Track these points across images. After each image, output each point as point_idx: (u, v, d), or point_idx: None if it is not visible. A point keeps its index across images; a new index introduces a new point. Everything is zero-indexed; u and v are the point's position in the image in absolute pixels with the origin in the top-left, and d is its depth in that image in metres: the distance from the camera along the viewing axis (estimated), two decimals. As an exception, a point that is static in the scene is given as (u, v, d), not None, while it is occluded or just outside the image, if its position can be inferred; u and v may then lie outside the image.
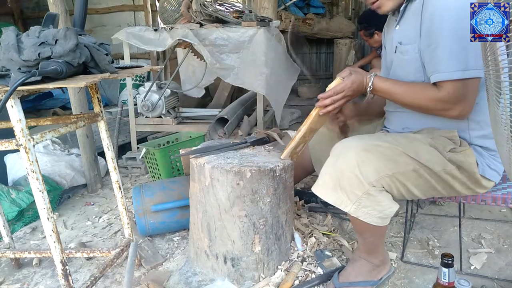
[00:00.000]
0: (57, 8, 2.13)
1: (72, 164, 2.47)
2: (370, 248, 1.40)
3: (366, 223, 1.25)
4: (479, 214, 1.96)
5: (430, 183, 1.28)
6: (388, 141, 1.26)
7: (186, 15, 2.63)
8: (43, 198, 1.12)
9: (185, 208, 1.73)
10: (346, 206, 1.23)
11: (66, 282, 1.22)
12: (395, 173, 1.22)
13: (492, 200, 1.36)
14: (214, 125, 2.68)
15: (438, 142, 1.28)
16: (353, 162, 1.19)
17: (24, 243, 1.92)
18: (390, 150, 1.23)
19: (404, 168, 1.23)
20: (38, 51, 1.08)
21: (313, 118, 1.40)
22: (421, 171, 1.24)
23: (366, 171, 1.19)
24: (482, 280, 1.47)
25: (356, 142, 1.25)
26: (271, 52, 2.50)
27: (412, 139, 1.29)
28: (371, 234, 1.34)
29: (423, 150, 1.25)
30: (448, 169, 1.26)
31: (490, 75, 0.79)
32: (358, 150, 1.21)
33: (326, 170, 1.26)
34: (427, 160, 1.23)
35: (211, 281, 1.50)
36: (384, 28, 1.59)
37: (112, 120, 3.16)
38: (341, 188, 1.21)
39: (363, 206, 1.22)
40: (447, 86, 1.20)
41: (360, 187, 1.19)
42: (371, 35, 3.51)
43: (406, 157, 1.23)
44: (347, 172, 1.20)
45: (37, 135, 1.13)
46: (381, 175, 1.20)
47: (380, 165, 1.20)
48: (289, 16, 4.59)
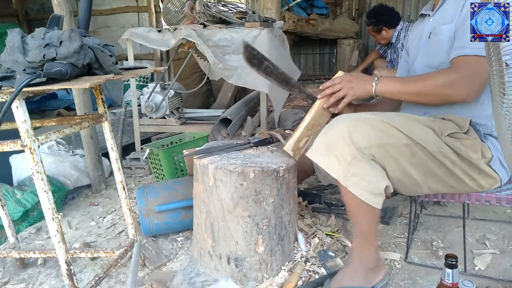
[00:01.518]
0: (62, 10, 2.15)
1: (77, 164, 2.48)
2: (364, 238, 1.37)
3: (358, 199, 1.24)
4: (483, 215, 1.95)
5: (428, 165, 1.27)
6: (383, 116, 1.27)
7: (189, 16, 2.64)
8: (47, 198, 1.13)
9: (188, 208, 1.74)
10: (336, 172, 1.23)
11: (71, 282, 1.22)
12: (385, 143, 1.22)
13: (496, 200, 1.35)
14: (217, 126, 2.68)
15: (437, 125, 1.28)
16: (344, 129, 1.22)
17: (29, 243, 1.93)
18: (383, 124, 1.24)
19: (395, 141, 1.23)
20: (43, 53, 1.09)
21: (316, 109, 1.43)
22: (415, 148, 1.24)
23: (356, 138, 1.21)
24: (486, 281, 1.46)
25: (350, 115, 1.30)
26: (274, 53, 2.50)
27: (409, 118, 1.30)
28: (364, 216, 1.31)
29: (418, 128, 1.26)
30: (445, 151, 1.25)
31: (494, 76, 0.79)
32: (351, 119, 1.25)
33: (320, 136, 1.29)
34: (420, 139, 1.24)
35: (214, 281, 1.50)
36: (408, 36, 1.63)
37: (116, 121, 3.17)
38: (332, 152, 1.23)
39: (352, 175, 1.22)
40: (465, 61, 1.22)
41: (350, 151, 1.20)
42: (379, 31, 3.49)
43: (398, 132, 1.24)
44: (338, 138, 1.22)
45: (42, 136, 1.14)
46: (371, 143, 1.21)
47: (371, 134, 1.22)
48: (292, 17, 4.59)
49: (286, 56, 2.86)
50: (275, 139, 1.73)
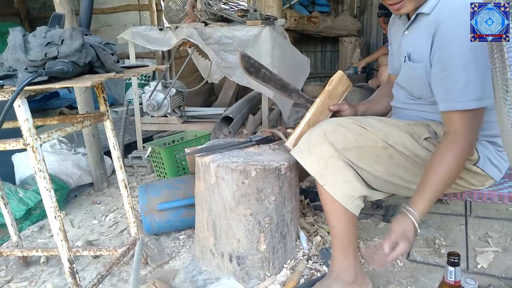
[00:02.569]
0: (63, 9, 2.15)
1: (79, 163, 2.49)
2: (340, 246, 1.31)
3: (333, 199, 1.24)
4: (485, 213, 1.95)
5: (409, 167, 1.29)
6: (362, 122, 1.30)
7: (191, 14, 2.63)
8: (50, 197, 1.13)
9: (190, 206, 1.74)
10: (314, 170, 1.25)
11: (73, 280, 1.23)
12: (363, 146, 1.25)
13: (498, 198, 1.35)
14: (219, 124, 2.68)
15: (415, 129, 1.30)
16: (323, 130, 1.26)
17: (32, 242, 1.94)
18: (360, 128, 1.28)
19: (372, 144, 1.26)
20: (44, 51, 1.09)
21: (317, 105, 1.44)
22: (392, 151, 1.27)
23: (335, 139, 1.24)
24: (489, 279, 1.46)
25: (333, 119, 1.34)
26: (277, 51, 2.50)
27: (388, 123, 1.32)
28: (339, 219, 1.27)
29: (394, 134, 1.28)
30: (423, 155, 1.27)
31: (497, 73, 0.79)
32: (332, 123, 1.29)
33: (304, 137, 1.33)
34: (396, 143, 1.27)
35: (216, 279, 1.51)
36: (389, 24, 1.58)
37: (118, 119, 3.17)
38: (311, 152, 1.26)
39: (329, 173, 1.24)
40: (458, 116, 1.17)
41: (328, 150, 1.24)
42: None
43: (375, 137, 1.27)
44: (318, 138, 1.26)
45: (44, 134, 1.14)
46: (349, 145, 1.24)
47: (349, 136, 1.25)
48: (294, 15, 4.58)
49: (291, 51, 2.84)
50: (277, 137, 1.73)
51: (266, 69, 1.47)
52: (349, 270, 1.32)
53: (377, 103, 1.64)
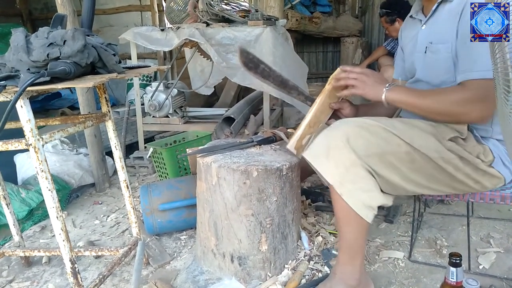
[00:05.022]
0: (65, 9, 2.15)
1: (81, 163, 2.49)
2: (348, 252, 1.30)
3: (349, 208, 1.20)
4: (487, 213, 1.94)
5: (428, 171, 1.25)
6: (384, 123, 1.24)
7: (192, 15, 2.63)
8: (52, 197, 1.13)
9: (192, 207, 1.74)
10: (332, 177, 1.20)
11: (75, 280, 1.23)
12: (385, 151, 1.20)
13: (501, 199, 1.34)
14: (220, 125, 2.68)
15: (439, 130, 1.26)
16: (345, 134, 1.19)
17: (34, 242, 1.94)
18: (384, 131, 1.22)
19: (395, 149, 1.21)
20: (46, 52, 1.09)
21: (317, 106, 1.41)
22: (415, 155, 1.22)
23: (357, 144, 1.18)
24: (490, 279, 1.45)
25: (353, 119, 1.27)
26: (279, 51, 2.49)
27: (411, 125, 1.27)
28: (351, 227, 1.26)
29: (419, 136, 1.23)
30: (447, 157, 1.23)
31: (499, 73, 0.78)
32: (352, 125, 1.22)
33: (319, 139, 1.26)
34: (421, 145, 1.21)
35: (218, 279, 1.51)
36: (400, 31, 1.59)
37: (119, 119, 3.18)
38: (330, 157, 1.20)
39: (348, 182, 1.19)
40: (475, 84, 1.18)
41: (349, 157, 1.18)
42: (392, 21, 3.43)
43: (399, 140, 1.21)
44: (338, 142, 1.19)
45: (46, 135, 1.14)
46: (371, 151, 1.19)
47: (372, 141, 1.19)
48: (295, 15, 4.58)
49: (291, 53, 2.85)
50: (278, 137, 1.73)
51: (265, 65, 1.45)
52: (355, 274, 1.30)
53: (379, 107, 1.63)
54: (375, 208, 1.24)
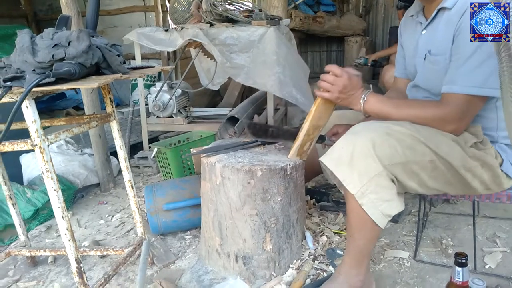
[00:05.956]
0: (70, 10, 2.16)
1: (85, 163, 2.50)
2: (356, 255, 1.29)
3: (366, 216, 1.19)
4: (493, 213, 1.93)
5: (446, 177, 1.24)
6: (409, 129, 1.21)
7: (196, 15, 2.64)
8: (57, 197, 1.14)
9: (196, 207, 1.74)
10: (354, 187, 1.16)
11: (81, 279, 1.24)
12: (409, 161, 1.18)
13: (507, 198, 1.34)
14: (224, 124, 2.69)
15: (461, 137, 1.25)
16: (371, 141, 1.15)
17: (40, 242, 1.96)
18: (410, 138, 1.19)
19: (420, 158, 1.19)
20: (52, 53, 1.10)
21: (313, 114, 1.39)
22: (438, 163, 1.20)
23: (383, 153, 1.15)
24: (497, 279, 1.45)
25: (378, 125, 1.22)
26: (282, 50, 2.49)
27: (435, 131, 1.24)
28: (364, 234, 1.25)
29: (444, 143, 1.21)
30: (468, 165, 1.22)
31: (504, 72, 0.78)
32: (379, 132, 1.18)
33: (342, 144, 1.20)
34: (447, 154, 1.20)
35: (222, 279, 1.51)
36: (400, 27, 1.58)
37: (124, 120, 3.19)
38: (354, 165, 1.16)
39: (371, 192, 1.16)
40: (455, 99, 1.19)
41: (374, 167, 1.15)
42: None
43: (425, 147, 1.19)
44: (364, 149, 1.15)
45: (52, 135, 1.15)
46: (395, 160, 1.16)
47: (398, 149, 1.17)
48: (299, 15, 4.57)
49: (294, 53, 2.84)
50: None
51: (273, 127, 1.60)
52: (359, 276, 1.30)
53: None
54: (392, 216, 1.23)
